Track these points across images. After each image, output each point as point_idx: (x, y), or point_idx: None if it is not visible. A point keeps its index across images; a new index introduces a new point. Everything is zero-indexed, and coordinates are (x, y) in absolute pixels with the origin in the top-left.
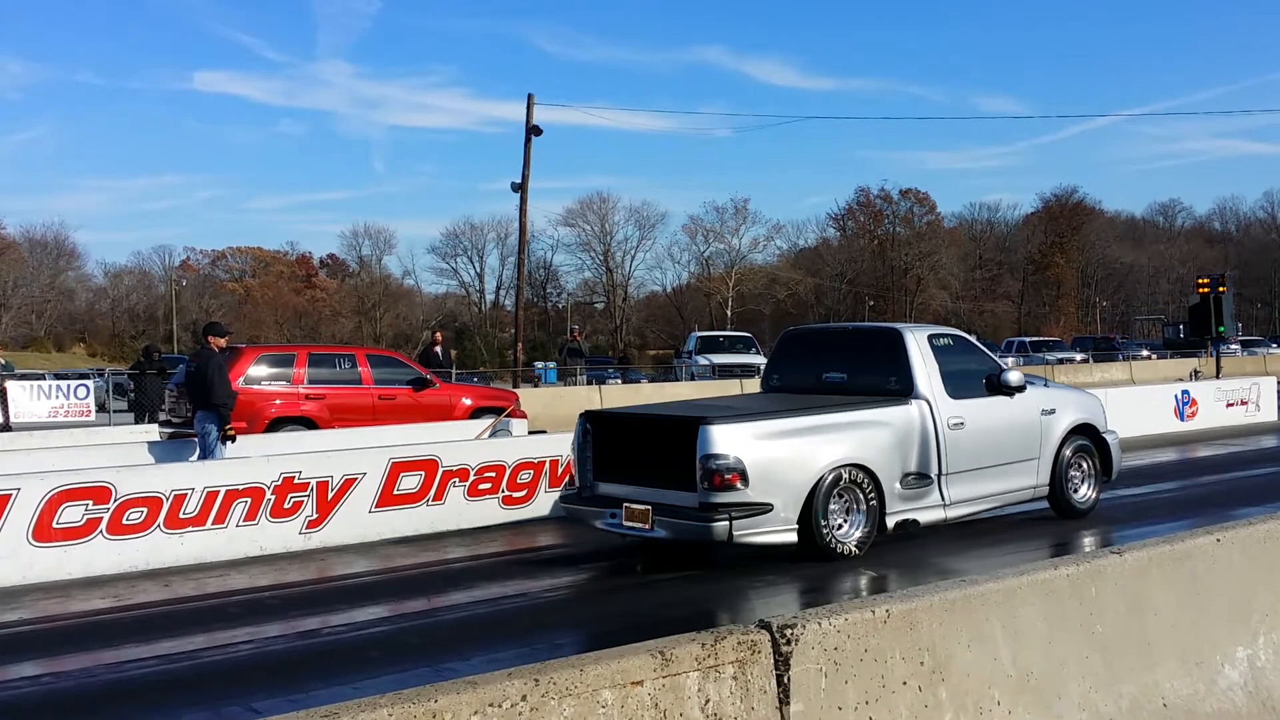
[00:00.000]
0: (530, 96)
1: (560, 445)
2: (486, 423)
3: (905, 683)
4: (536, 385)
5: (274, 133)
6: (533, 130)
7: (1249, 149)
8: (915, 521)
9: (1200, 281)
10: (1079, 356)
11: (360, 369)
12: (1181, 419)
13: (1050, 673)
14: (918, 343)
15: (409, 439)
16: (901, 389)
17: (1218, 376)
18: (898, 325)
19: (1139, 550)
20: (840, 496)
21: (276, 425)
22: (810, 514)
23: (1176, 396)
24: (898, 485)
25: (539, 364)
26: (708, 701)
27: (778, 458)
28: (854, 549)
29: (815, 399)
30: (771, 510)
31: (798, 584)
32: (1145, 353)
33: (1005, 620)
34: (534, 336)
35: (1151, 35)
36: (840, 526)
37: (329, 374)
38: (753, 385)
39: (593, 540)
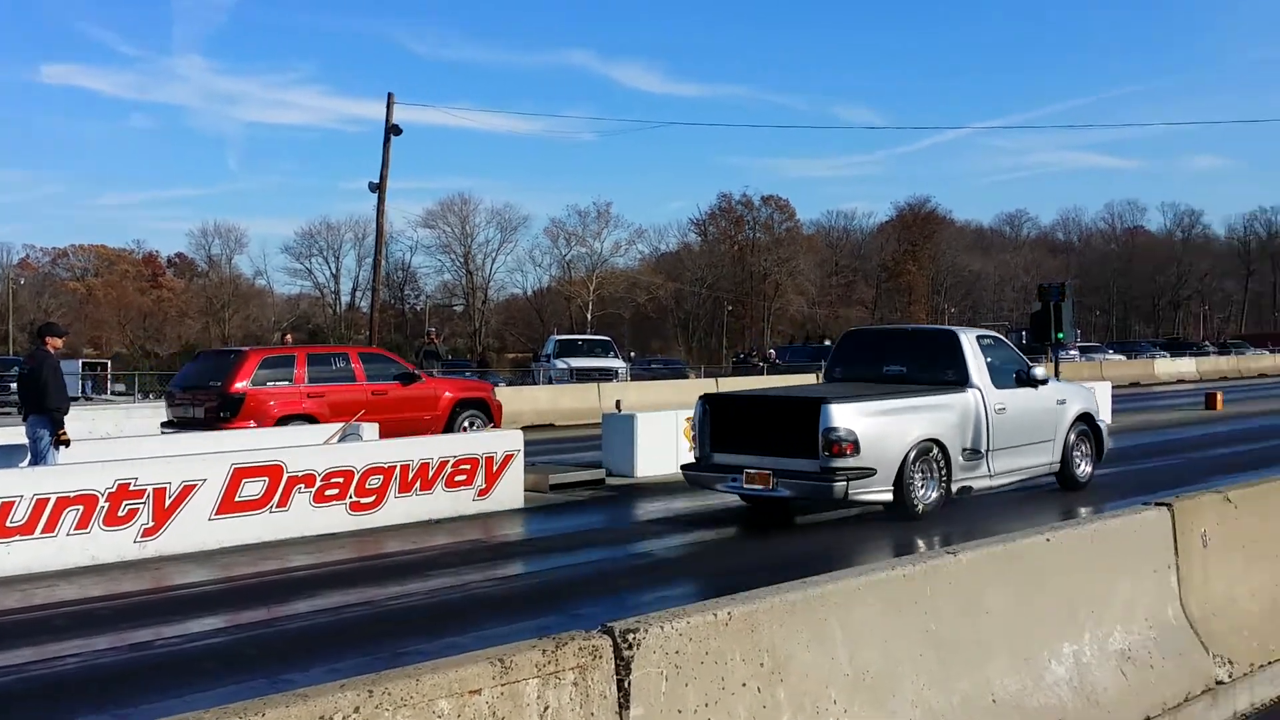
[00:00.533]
0: (390, 95)
1: (411, 450)
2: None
3: (745, 684)
4: None
5: (124, 127)
6: (392, 129)
7: (1092, 162)
8: (970, 488)
9: (1041, 288)
10: None
11: (353, 366)
12: None
13: (886, 671)
14: (970, 341)
15: (254, 444)
16: (959, 379)
17: (1057, 379)
18: (952, 327)
19: (974, 550)
20: (922, 465)
21: (283, 422)
22: (901, 478)
23: None
24: (959, 458)
25: None
26: (547, 709)
27: (879, 432)
28: (930, 509)
29: (889, 387)
30: (875, 474)
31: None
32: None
33: (844, 620)
34: (391, 339)
35: (1001, 51)
36: (921, 489)
37: (326, 372)
38: (611, 389)
39: (441, 545)
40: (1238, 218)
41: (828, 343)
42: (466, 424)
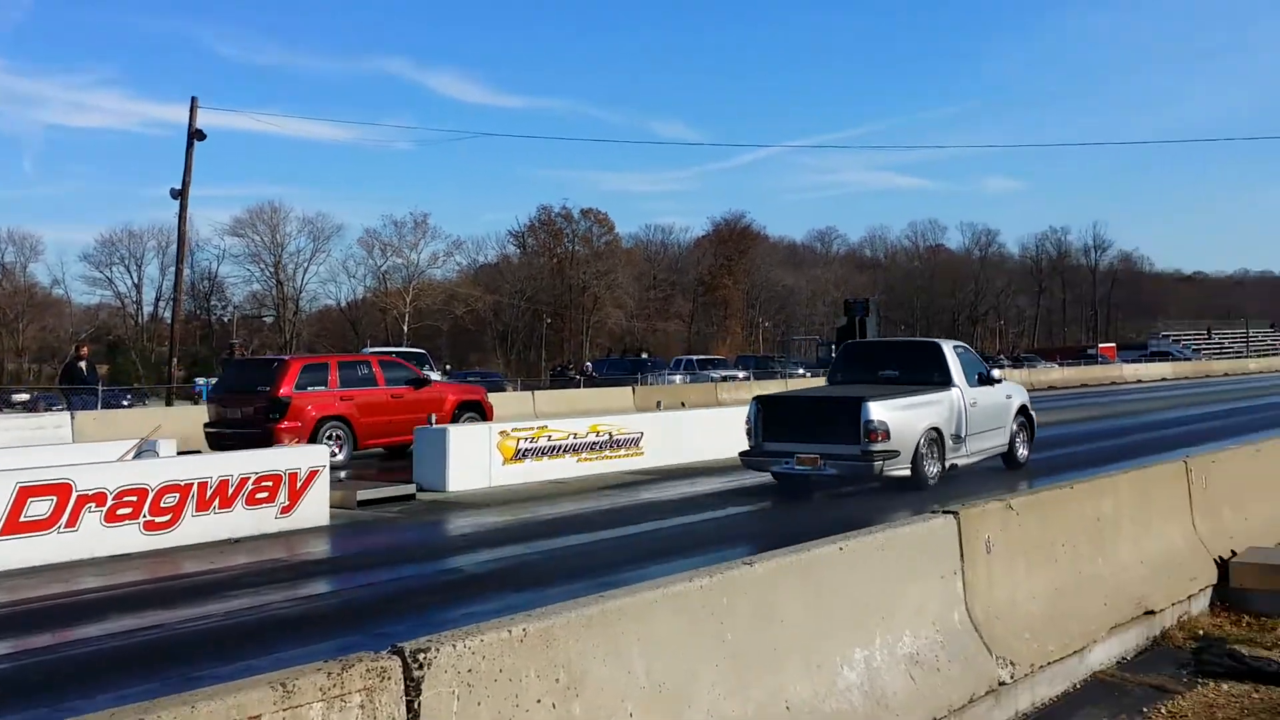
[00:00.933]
0: (194, 99)
1: (210, 466)
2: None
3: (540, 700)
4: (196, 403)
5: None
6: (195, 134)
7: (897, 182)
8: (956, 465)
9: (846, 303)
10: (742, 374)
11: (375, 372)
12: None
13: (682, 682)
14: (950, 350)
15: (42, 461)
16: (944, 381)
17: None
18: (936, 339)
19: (769, 560)
20: (929, 447)
21: (321, 423)
22: (916, 458)
23: None
24: (950, 441)
25: (200, 380)
26: None
27: (901, 422)
28: (934, 481)
29: (894, 388)
30: (899, 455)
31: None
32: (801, 371)
33: (641, 633)
34: (196, 351)
35: (814, 74)
36: (929, 466)
37: (353, 378)
38: None
39: (241, 564)
40: (1030, 237)
41: (645, 356)
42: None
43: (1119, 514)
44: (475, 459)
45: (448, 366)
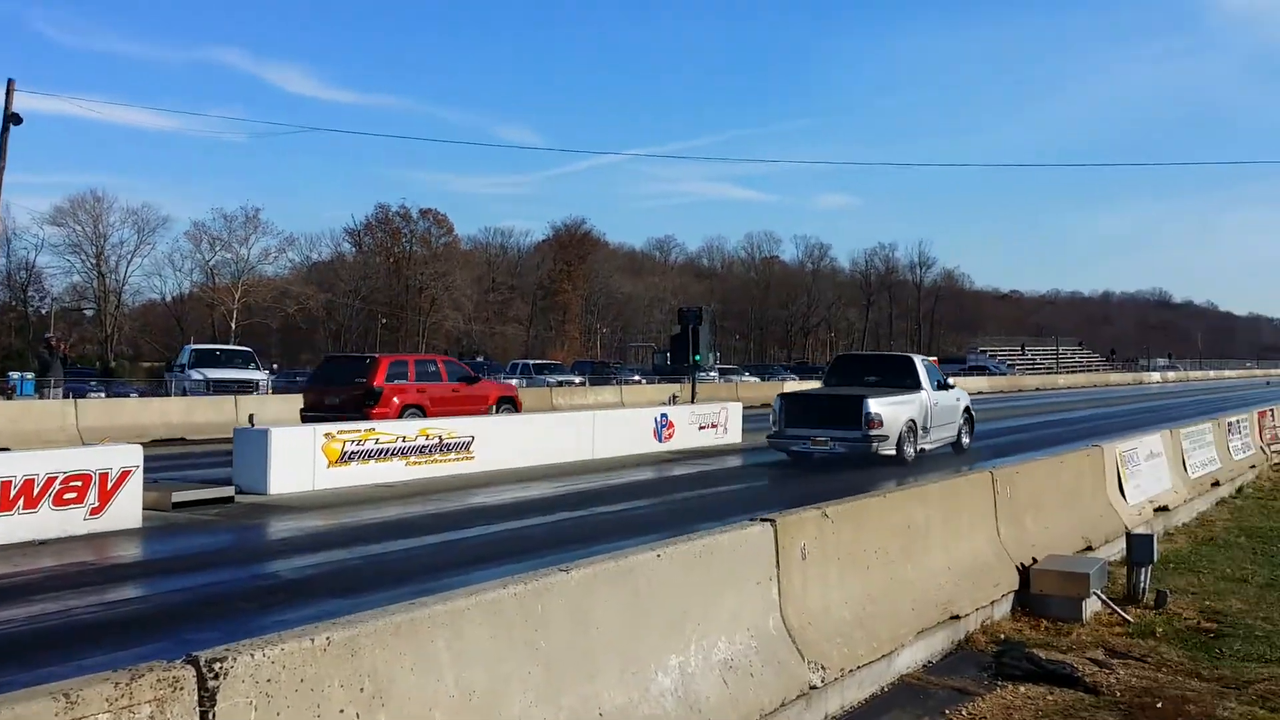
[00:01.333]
0: (10, 81)
1: (11, 465)
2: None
3: (343, 711)
4: (10, 397)
5: None
6: (11, 118)
7: (735, 194)
8: (924, 449)
9: (681, 312)
10: (578, 380)
11: (440, 369)
12: (660, 440)
13: (494, 690)
14: (920, 362)
15: None
16: (915, 385)
17: (693, 401)
18: (909, 354)
19: (586, 568)
20: (908, 434)
21: (404, 409)
22: (899, 441)
23: (656, 419)
24: (921, 431)
25: (14, 374)
26: None
27: (890, 414)
28: (911, 460)
29: (879, 389)
30: (888, 439)
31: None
32: (637, 377)
33: (451, 641)
34: (10, 343)
35: (658, 83)
36: (909, 448)
37: (425, 373)
38: (250, 402)
39: (46, 568)
40: (860, 252)
41: (480, 358)
42: (499, 409)
43: (929, 522)
44: (298, 461)
45: (274, 366)
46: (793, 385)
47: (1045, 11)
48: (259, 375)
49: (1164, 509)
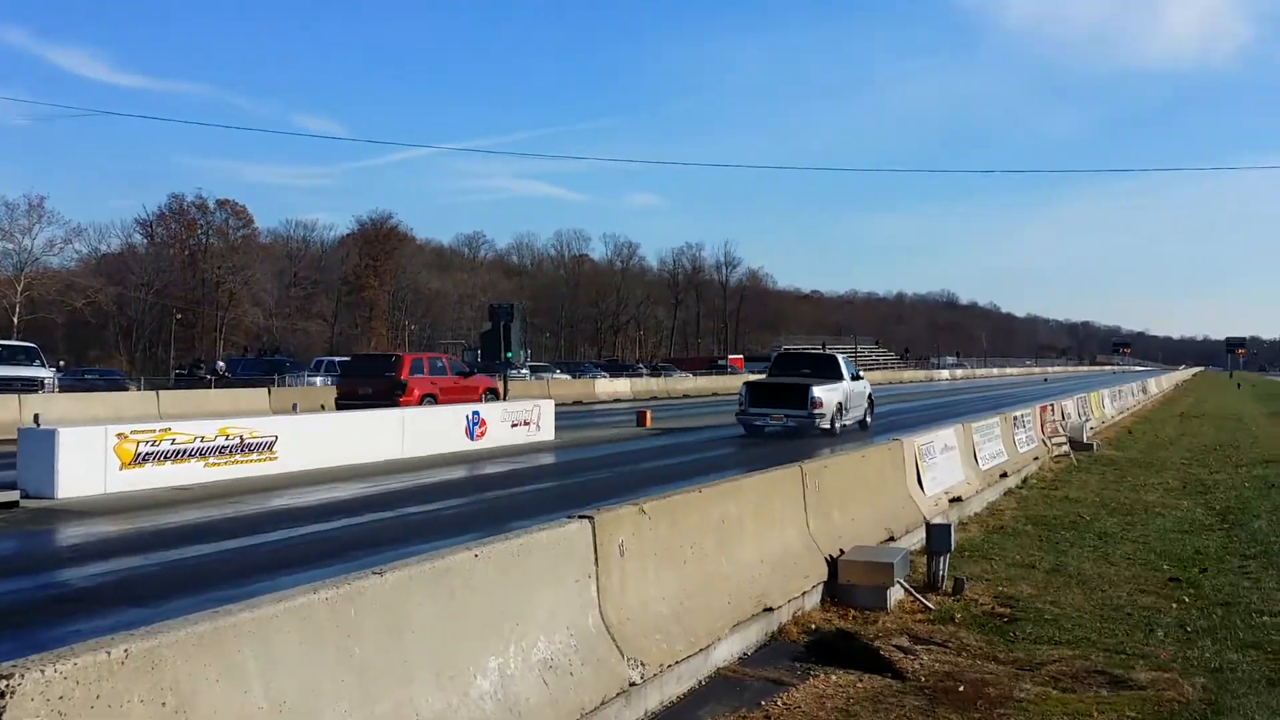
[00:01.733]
0: None
1: None
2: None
3: None
4: None
5: None
6: None
7: (545, 191)
8: (845, 425)
9: (492, 308)
10: None
11: (445, 365)
12: (472, 438)
13: (305, 700)
14: (842, 359)
15: None
16: (838, 377)
17: (505, 399)
18: (833, 352)
19: (401, 570)
20: (837, 412)
21: (423, 400)
22: (831, 418)
23: (468, 417)
24: (844, 409)
25: None
26: None
27: (826, 398)
28: (839, 432)
29: (814, 379)
30: (826, 416)
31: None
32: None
33: (259, 650)
34: None
35: (464, 76)
36: (837, 424)
37: (435, 368)
38: (35, 401)
39: None
40: (668, 252)
41: (280, 355)
42: (485, 399)
43: (743, 516)
44: (89, 463)
45: (61, 363)
46: (604, 383)
47: (843, 22)
48: (44, 373)
49: (958, 499)
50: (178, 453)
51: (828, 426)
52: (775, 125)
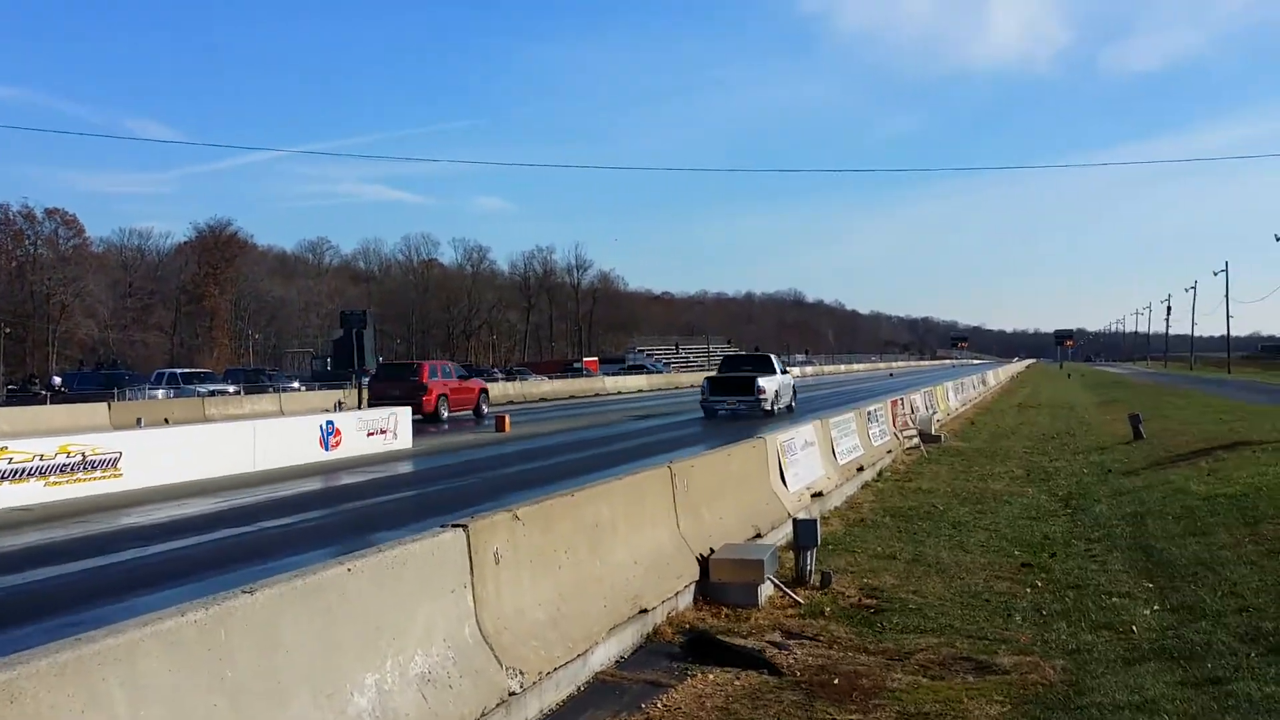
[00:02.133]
0: None
1: None
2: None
3: None
4: None
5: None
6: None
7: (391, 196)
8: (779, 409)
9: (343, 315)
10: (232, 389)
11: (451, 370)
12: (327, 448)
13: None
14: (775, 359)
15: None
16: (773, 371)
17: (360, 407)
18: (769, 354)
19: (271, 588)
20: (775, 398)
21: (440, 398)
22: (772, 404)
23: (322, 427)
24: (779, 396)
25: None
26: None
27: (769, 387)
28: (775, 413)
29: (756, 374)
30: (768, 401)
31: None
32: (296, 385)
33: (126, 678)
34: None
35: (304, 79)
36: (774, 407)
37: (445, 372)
38: None
39: None
40: (519, 255)
41: (119, 369)
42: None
43: (615, 518)
44: None
45: None
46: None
47: (692, 25)
48: None
49: (820, 494)
50: (16, 472)
51: (769, 409)
52: (625, 128)
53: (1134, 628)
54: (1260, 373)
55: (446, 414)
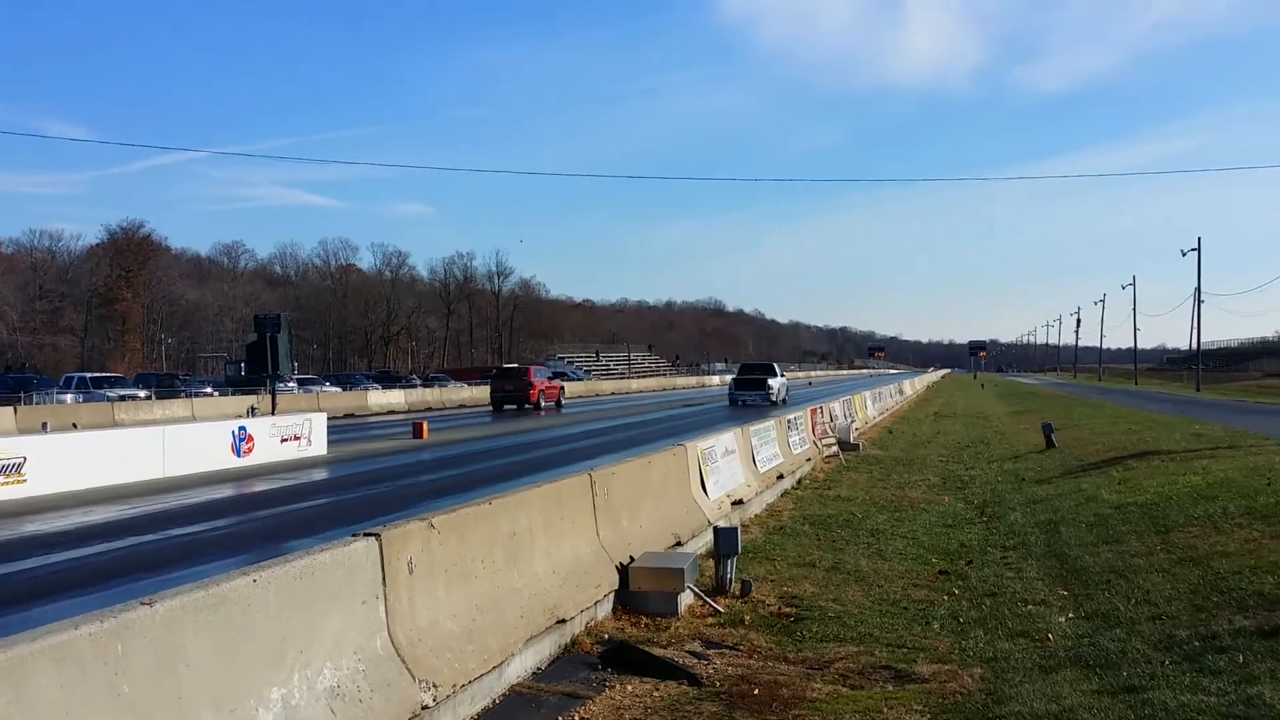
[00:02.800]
0: None
1: None
2: None
3: None
4: None
5: None
6: None
7: (308, 200)
8: (783, 401)
9: (257, 319)
10: (143, 393)
11: (547, 371)
12: (239, 455)
13: None
14: (778, 366)
15: None
16: (775, 375)
17: (274, 413)
18: (774, 362)
19: (172, 599)
20: (781, 393)
21: (540, 392)
22: (778, 397)
23: (234, 433)
24: (780, 392)
25: None
26: None
27: (777, 386)
28: (779, 403)
29: (767, 376)
30: (774, 394)
31: None
32: (209, 390)
33: (13, 694)
34: None
35: (222, 79)
36: (780, 399)
37: (545, 375)
38: None
39: None
40: (439, 261)
41: (27, 373)
42: (558, 394)
43: (533, 527)
44: None
45: None
46: (377, 395)
47: (611, 33)
48: None
49: (740, 502)
50: None
51: (774, 400)
52: (549, 134)
53: (1050, 635)
54: (1165, 384)
55: (544, 404)
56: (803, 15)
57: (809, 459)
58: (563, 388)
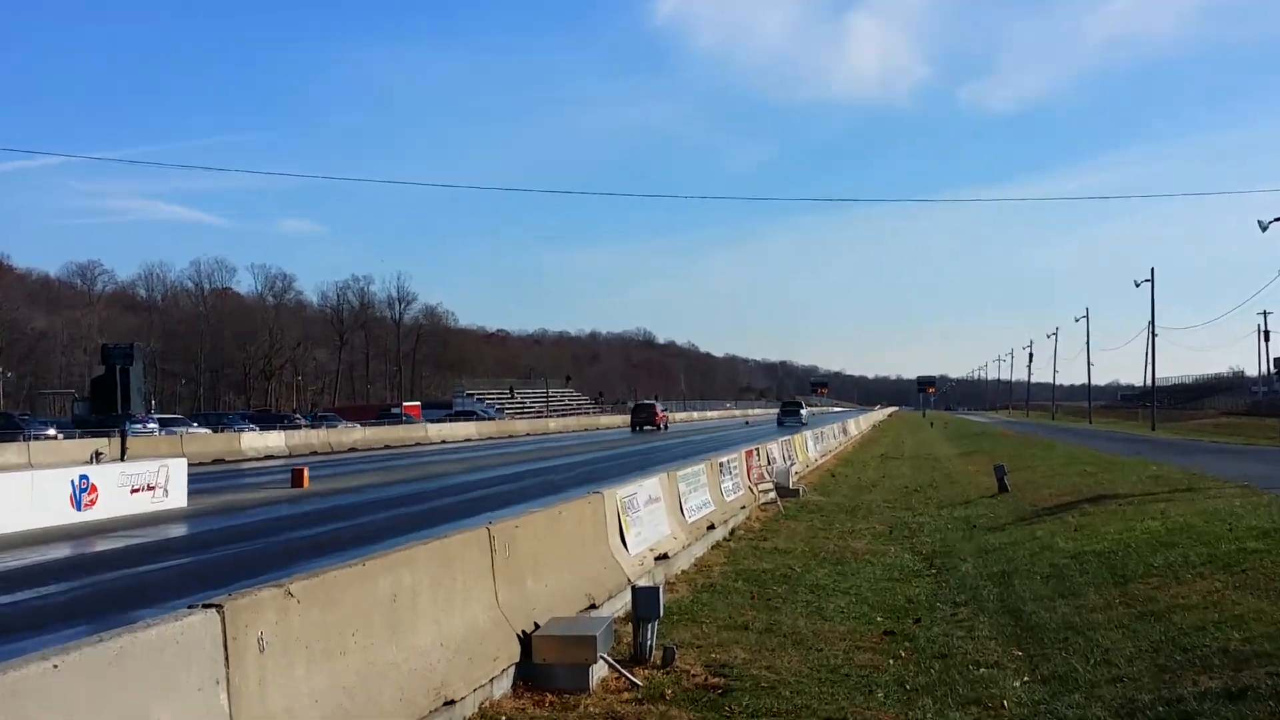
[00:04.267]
0: None
1: None
2: None
3: None
4: None
5: None
6: None
7: (178, 214)
8: (805, 423)
9: (105, 350)
10: None
11: (661, 405)
12: (79, 509)
13: None
14: (804, 401)
15: None
16: (803, 406)
17: (123, 459)
18: (799, 398)
19: None
20: (806, 418)
21: (664, 423)
22: (806, 420)
23: (74, 482)
24: (807, 418)
25: None
26: None
27: (805, 413)
28: (806, 425)
29: (800, 406)
30: (805, 419)
31: None
32: (52, 431)
33: None
34: None
35: (78, 77)
36: (805, 422)
37: (657, 408)
38: None
39: None
40: (331, 285)
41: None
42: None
43: (418, 590)
44: None
45: None
46: (253, 437)
47: (532, 35)
48: None
49: (664, 556)
50: None
51: (804, 422)
52: (459, 145)
53: (1004, 702)
54: (1120, 422)
55: (665, 428)
56: (736, 22)
57: (744, 506)
58: (667, 416)
